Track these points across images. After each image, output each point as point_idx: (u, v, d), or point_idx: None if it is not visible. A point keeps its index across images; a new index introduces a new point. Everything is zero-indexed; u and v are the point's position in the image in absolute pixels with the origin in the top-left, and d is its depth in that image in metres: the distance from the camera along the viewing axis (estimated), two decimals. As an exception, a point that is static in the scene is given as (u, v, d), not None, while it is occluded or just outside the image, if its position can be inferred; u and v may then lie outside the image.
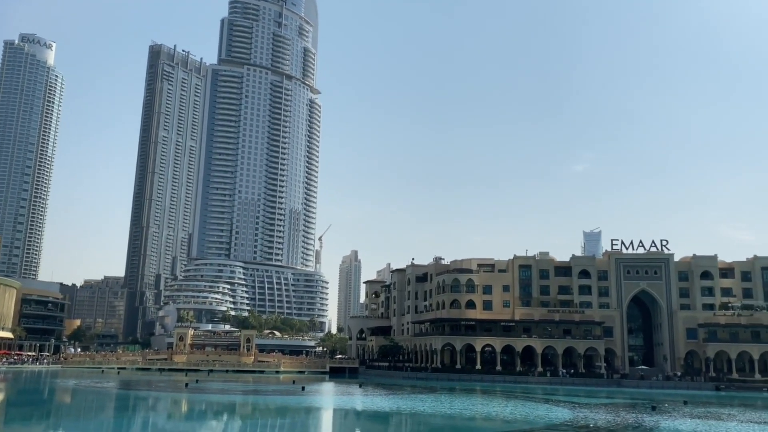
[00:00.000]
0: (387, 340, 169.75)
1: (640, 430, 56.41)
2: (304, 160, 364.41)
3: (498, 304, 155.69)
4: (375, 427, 57.69)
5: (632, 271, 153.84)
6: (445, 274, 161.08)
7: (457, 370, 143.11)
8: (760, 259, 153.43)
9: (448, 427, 56.21)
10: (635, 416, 67.19)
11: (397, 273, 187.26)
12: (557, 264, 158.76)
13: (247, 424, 57.51)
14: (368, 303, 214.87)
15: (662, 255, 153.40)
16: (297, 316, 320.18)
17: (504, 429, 54.56)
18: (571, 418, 63.44)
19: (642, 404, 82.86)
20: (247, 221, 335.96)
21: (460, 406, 75.58)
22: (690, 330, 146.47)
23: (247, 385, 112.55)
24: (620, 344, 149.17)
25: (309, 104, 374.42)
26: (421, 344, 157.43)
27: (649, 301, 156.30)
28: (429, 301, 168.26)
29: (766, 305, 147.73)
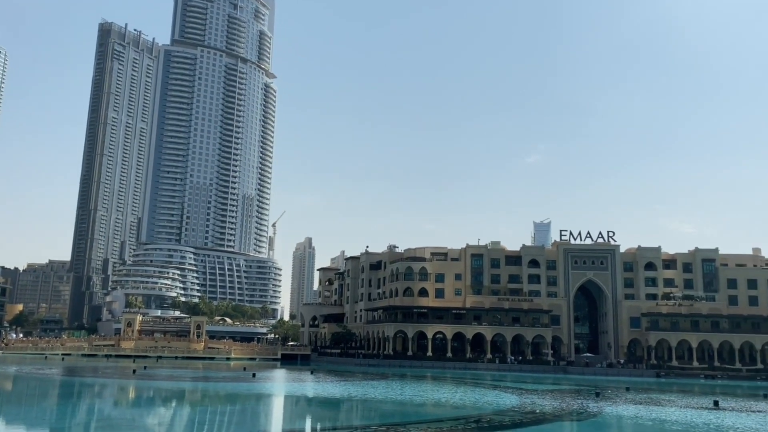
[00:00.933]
0: (340, 327, 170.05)
1: (584, 415, 58.12)
2: (258, 145, 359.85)
3: (450, 292, 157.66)
4: (326, 414, 57.87)
5: (580, 261, 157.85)
6: (399, 262, 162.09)
7: (408, 356, 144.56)
8: (700, 251, 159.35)
9: (399, 413, 56.80)
10: (580, 402, 69.19)
11: (351, 260, 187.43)
12: (508, 253, 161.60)
13: (197, 410, 56.91)
14: (321, 290, 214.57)
15: (609, 246, 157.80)
16: (249, 302, 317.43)
17: (453, 415, 55.44)
18: (518, 404, 64.90)
19: (586, 390, 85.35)
20: (198, 206, 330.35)
21: (411, 392, 76.43)
22: (633, 319, 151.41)
23: (197, 372, 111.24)
24: (567, 332, 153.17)
25: (264, 89, 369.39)
26: (374, 331, 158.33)
27: (596, 291, 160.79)
28: (382, 288, 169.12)
29: (705, 296, 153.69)
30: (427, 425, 48.54)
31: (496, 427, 49.01)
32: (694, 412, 60.94)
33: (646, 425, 51.28)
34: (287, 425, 49.96)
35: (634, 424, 52.12)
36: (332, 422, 51.61)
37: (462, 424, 49.54)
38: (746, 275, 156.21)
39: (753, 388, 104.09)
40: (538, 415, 55.99)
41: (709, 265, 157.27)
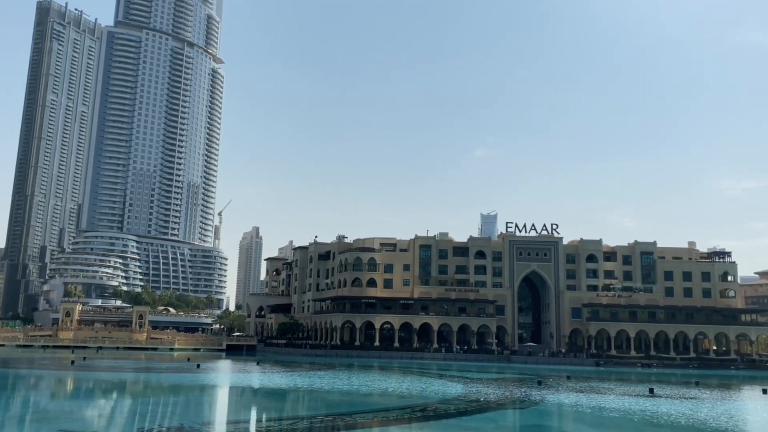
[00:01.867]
0: (287, 318, 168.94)
1: (527, 403, 59.42)
2: (205, 132, 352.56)
3: (398, 283, 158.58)
4: (271, 404, 57.38)
5: (524, 252, 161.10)
6: (348, 253, 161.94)
7: (356, 347, 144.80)
8: (639, 244, 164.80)
9: (345, 402, 56.84)
10: (523, 390, 70.74)
11: (299, 251, 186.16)
12: (456, 245, 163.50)
13: (138, 402, 55.54)
14: (269, 280, 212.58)
15: (552, 238, 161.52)
16: (193, 292, 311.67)
17: (400, 404, 55.82)
18: (463, 393, 65.88)
19: (529, 379, 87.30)
20: (141, 193, 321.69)
21: (358, 382, 76.59)
22: (575, 309, 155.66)
23: (139, 363, 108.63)
24: (511, 322, 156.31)
25: (211, 74, 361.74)
26: (322, 322, 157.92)
27: (539, 282, 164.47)
28: (331, 279, 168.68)
29: (643, 287, 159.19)
30: (374, 414, 48.72)
31: (442, 415, 49.58)
32: (632, 399, 63.12)
33: (585, 413, 52.78)
34: (232, 416, 49.31)
35: (575, 412, 53.56)
36: (278, 413, 51.21)
37: (408, 413, 49.94)
38: (682, 268, 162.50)
39: (686, 376, 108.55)
40: (482, 404, 56.95)
41: (647, 258, 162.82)
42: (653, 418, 48.53)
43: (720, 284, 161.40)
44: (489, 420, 48.59)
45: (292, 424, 43.16)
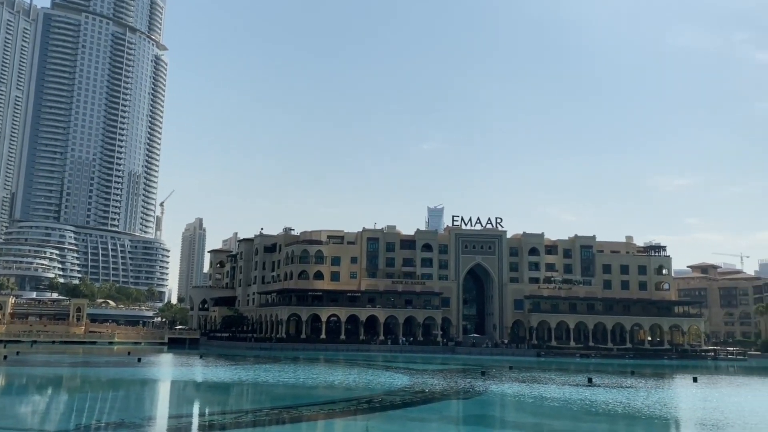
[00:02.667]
0: (231, 311, 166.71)
1: (471, 394, 60.42)
2: (147, 120, 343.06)
3: (345, 275, 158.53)
4: (215, 398, 56.52)
5: (470, 245, 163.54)
6: (295, 245, 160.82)
7: (302, 340, 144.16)
8: (579, 238, 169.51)
9: (291, 395, 56.49)
10: (467, 381, 71.88)
11: (244, 243, 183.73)
12: (403, 237, 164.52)
13: (76, 397, 53.78)
14: (212, 273, 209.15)
15: (496, 232, 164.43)
16: (134, 285, 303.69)
17: (346, 396, 55.87)
18: (409, 384, 66.46)
19: (473, 370, 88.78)
20: (80, 182, 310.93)
21: (304, 375, 76.25)
22: (517, 301, 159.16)
23: (77, 357, 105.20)
24: (456, 314, 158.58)
25: (155, 61, 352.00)
26: (267, 315, 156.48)
27: (483, 274, 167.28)
28: (277, 271, 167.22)
29: (582, 280, 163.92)
30: (320, 407, 48.61)
31: (387, 407, 49.87)
32: (571, 388, 64.97)
33: (527, 402, 54.04)
34: (174, 411, 48.33)
35: (517, 402, 54.76)
36: (221, 406, 50.49)
37: (354, 404, 50.03)
38: (619, 261, 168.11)
39: (622, 366, 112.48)
40: (427, 395, 57.56)
41: (586, 252, 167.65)
42: (592, 407, 50.08)
43: (655, 277, 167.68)
44: (434, 411, 49.16)
45: (236, 418, 42.63)
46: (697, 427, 42.67)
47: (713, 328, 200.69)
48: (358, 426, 40.39)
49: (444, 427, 42.04)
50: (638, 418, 45.14)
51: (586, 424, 42.72)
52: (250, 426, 39.27)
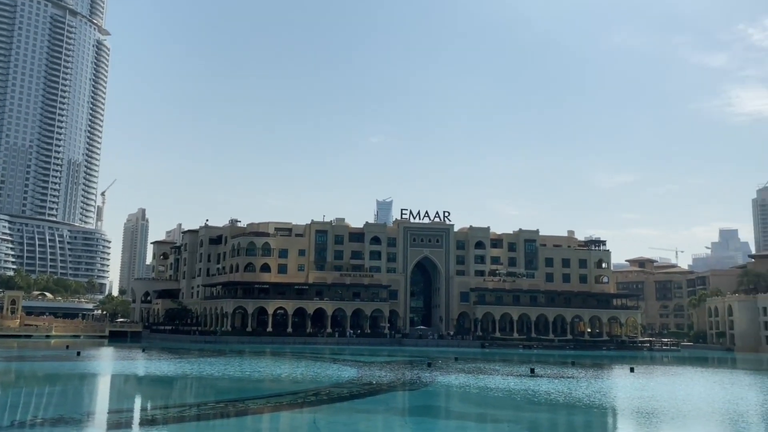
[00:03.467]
0: (175, 303, 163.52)
1: (417, 385, 61.10)
2: (88, 107, 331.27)
3: (293, 268, 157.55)
4: (158, 392, 55.37)
5: (418, 238, 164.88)
6: (241, 237, 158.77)
7: (247, 333, 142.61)
8: (523, 232, 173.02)
9: (236, 389, 55.87)
10: (413, 373, 72.62)
11: (189, 234, 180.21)
12: (352, 230, 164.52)
13: (10, 393, 51.73)
14: (156, 265, 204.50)
15: (444, 225, 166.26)
16: (73, 276, 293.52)
17: (292, 389, 55.63)
18: (356, 377, 66.71)
19: (419, 361, 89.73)
20: (15, 170, 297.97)
21: (250, 368, 75.51)
22: (463, 293, 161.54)
23: (11, 351, 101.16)
24: (403, 306, 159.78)
25: (96, 45, 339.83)
26: (212, 307, 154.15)
27: (431, 267, 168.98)
28: (222, 263, 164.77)
29: (526, 273, 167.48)
30: (266, 400, 48.30)
31: (335, 399, 49.95)
32: (515, 379, 66.49)
33: (472, 392, 55.01)
34: (115, 405, 47.12)
35: (462, 392, 55.69)
36: (164, 400, 49.52)
37: (301, 397, 49.89)
38: (561, 255, 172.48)
39: (563, 357, 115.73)
40: (374, 387, 57.91)
41: (530, 245, 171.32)
42: (534, 397, 51.39)
43: (595, 271, 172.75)
44: (380, 402, 49.51)
45: (180, 412, 41.92)
46: (635, 416, 44.33)
47: (649, 320, 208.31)
48: (305, 418, 40.32)
49: (390, 418, 42.36)
50: (578, 407, 46.56)
51: (528, 413, 43.82)
52: (194, 420, 38.70)
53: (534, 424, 40.35)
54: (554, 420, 42.56)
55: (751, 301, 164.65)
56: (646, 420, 41.99)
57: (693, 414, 45.48)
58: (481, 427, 39.04)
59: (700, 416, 44.71)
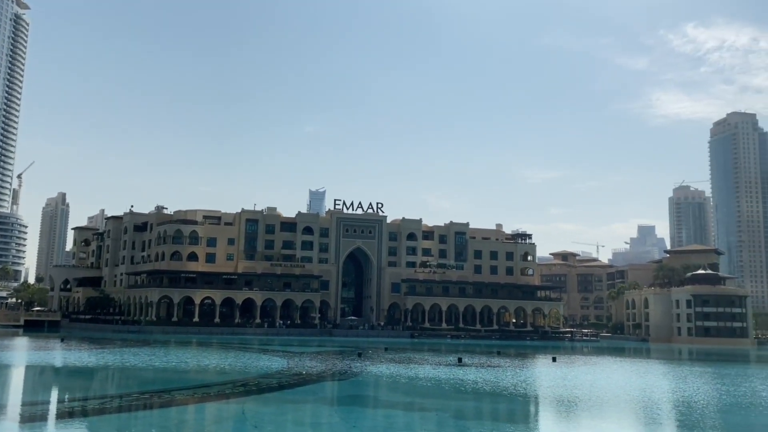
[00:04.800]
0: (96, 292, 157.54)
1: (347, 375, 61.16)
2: (4, 85, 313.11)
3: (222, 257, 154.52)
4: (77, 383, 53.09)
5: (350, 229, 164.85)
6: (168, 225, 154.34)
7: (173, 323, 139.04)
8: (454, 225, 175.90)
9: (161, 380, 54.31)
10: (344, 363, 72.66)
11: (112, 220, 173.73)
12: (283, 220, 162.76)
13: None
14: (76, 251, 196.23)
15: (377, 216, 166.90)
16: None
17: (220, 380, 54.57)
18: (285, 367, 66.14)
19: (350, 352, 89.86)
20: None
21: (176, 359, 73.58)
22: (395, 284, 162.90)
23: None
24: (335, 297, 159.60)
25: (14, 20, 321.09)
26: (136, 296, 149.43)
27: (363, 258, 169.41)
28: (148, 251, 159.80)
29: (455, 264, 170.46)
30: (193, 391, 47.17)
31: (264, 389, 49.33)
32: (443, 368, 67.58)
33: (402, 382, 55.50)
34: (28, 397, 44.84)
35: (392, 382, 56.11)
36: (84, 392, 47.52)
37: (229, 388, 49.01)
38: (489, 247, 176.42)
39: (489, 346, 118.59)
40: (304, 377, 57.57)
41: (460, 238, 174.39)
42: (462, 386, 52.37)
43: (521, 263, 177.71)
44: (310, 392, 49.28)
45: (101, 404, 40.36)
46: (557, 404, 45.86)
47: (571, 311, 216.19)
48: (233, 409, 39.64)
49: (320, 407, 42.22)
50: (504, 395, 47.75)
51: (455, 402, 44.61)
52: (116, 412, 37.40)
53: (461, 412, 41.09)
54: (480, 408, 43.49)
55: (665, 294, 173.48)
56: (568, 408, 43.51)
57: (612, 402, 47.47)
58: (409, 415, 39.39)
59: (619, 404, 46.73)
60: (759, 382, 63.37)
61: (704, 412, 42.78)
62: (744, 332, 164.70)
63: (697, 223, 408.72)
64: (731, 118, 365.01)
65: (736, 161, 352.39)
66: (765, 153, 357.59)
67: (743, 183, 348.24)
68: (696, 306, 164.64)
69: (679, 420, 40.24)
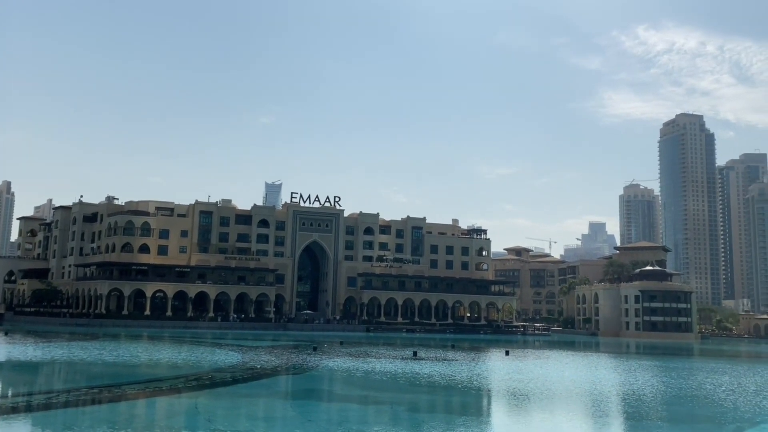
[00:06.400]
0: (43, 284, 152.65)
1: (302, 369, 60.85)
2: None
3: (174, 249, 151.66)
4: (20, 378, 51.32)
5: (307, 223, 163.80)
6: (118, 216, 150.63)
7: (123, 316, 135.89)
8: (411, 220, 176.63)
9: (111, 374, 52.99)
10: (299, 357, 72.25)
11: (60, 210, 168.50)
12: (239, 212, 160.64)
13: None
14: (22, 242, 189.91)
15: (334, 210, 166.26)
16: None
17: (172, 374, 53.60)
18: (238, 362, 65.41)
19: (305, 346, 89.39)
20: None
21: (126, 353, 71.95)
22: (351, 278, 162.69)
23: None
24: (290, 290, 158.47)
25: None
26: (85, 289, 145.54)
27: (319, 252, 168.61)
28: (97, 243, 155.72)
29: (412, 259, 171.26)
30: (144, 385, 46.19)
31: (217, 383, 48.71)
32: (398, 362, 67.88)
33: (357, 376, 55.51)
34: (-29, 394, 43.20)
35: (347, 375, 56.05)
36: (28, 387, 46.05)
37: (181, 382, 48.22)
38: (445, 242, 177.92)
39: (444, 340, 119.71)
40: (258, 371, 57.06)
41: (417, 232, 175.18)
42: (416, 379, 52.72)
43: (476, 258, 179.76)
44: (264, 386, 48.87)
45: (46, 399, 39.14)
46: (510, 396, 46.60)
47: (523, 305, 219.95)
48: (185, 403, 39.00)
49: (274, 401, 41.95)
50: (458, 388, 48.29)
51: (410, 395, 44.88)
52: (62, 407, 36.32)
53: (415, 405, 41.35)
54: (435, 401, 43.87)
55: (614, 289, 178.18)
56: (521, 401, 44.27)
57: (564, 395, 48.48)
58: (363, 408, 39.46)
59: (570, 397, 47.75)
60: (703, 375, 65.67)
61: (652, 404, 44.13)
62: (689, 327, 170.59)
63: (646, 220, 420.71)
64: (680, 119, 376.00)
65: (683, 161, 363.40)
66: (711, 154, 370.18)
67: (690, 182, 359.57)
68: (644, 301, 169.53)
69: (628, 412, 41.42)
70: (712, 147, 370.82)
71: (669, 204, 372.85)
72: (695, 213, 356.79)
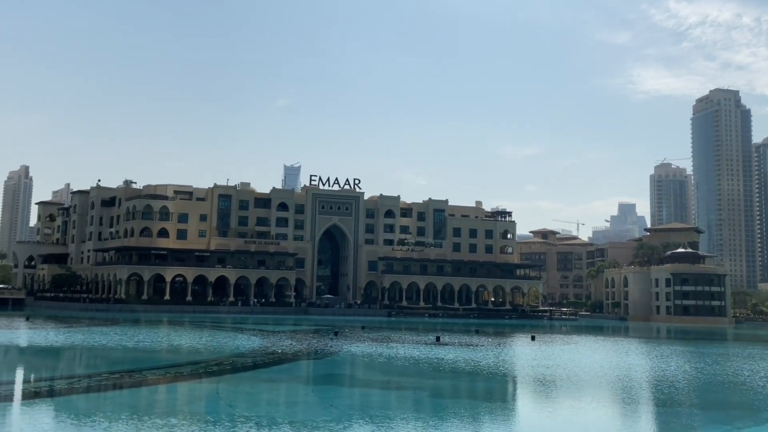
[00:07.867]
0: (63, 269, 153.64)
1: (323, 353, 59.70)
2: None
3: (193, 234, 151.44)
4: (43, 363, 50.74)
5: (327, 206, 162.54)
6: (137, 200, 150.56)
7: (143, 301, 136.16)
8: (433, 202, 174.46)
9: (131, 359, 52.19)
10: (320, 342, 71.20)
11: (79, 195, 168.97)
12: (257, 195, 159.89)
13: None
14: (41, 227, 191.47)
15: (354, 193, 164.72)
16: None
17: (192, 359, 52.67)
18: (260, 346, 64.45)
19: (326, 330, 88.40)
20: None
21: (147, 338, 71.36)
22: (372, 262, 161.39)
23: None
24: (310, 275, 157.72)
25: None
26: (104, 274, 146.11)
27: (339, 235, 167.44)
28: (116, 227, 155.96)
29: (434, 242, 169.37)
30: (165, 370, 45.31)
31: (238, 368, 47.80)
32: (421, 347, 66.41)
33: (379, 361, 54.18)
34: (-8, 378, 42.53)
35: (368, 360, 54.76)
36: (50, 372, 45.44)
37: (202, 367, 47.25)
38: (468, 225, 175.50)
39: (467, 325, 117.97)
40: (279, 356, 56.01)
41: (439, 215, 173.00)
42: (440, 365, 51.21)
43: (501, 241, 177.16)
44: (285, 371, 47.85)
45: (69, 384, 38.38)
46: (536, 383, 44.90)
47: (550, 289, 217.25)
48: (206, 388, 37.98)
49: (295, 386, 40.90)
50: (482, 374, 46.74)
51: (433, 380, 43.41)
52: (84, 392, 35.68)
53: (439, 390, 39.96)
54: (458, 387, 42.38)
55: (644, 272, 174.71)
56: (547, 387, 42.60)
57: (593, 381, 46.65)
58: (385, 394, 38.25)
59: (600, 383, 45.92)
60: (739, 362, 63.34)
61: (686, 391, 42.30)
62: (722, 311, 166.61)
63: (677, 201, 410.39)
64: (714, 94, 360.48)
65: (717, 139, 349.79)
66: (747, 131, 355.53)
67: (724, 161, 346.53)
68: (675, 284, 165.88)
69: (661, 399, 39.57)
70: (749, 123, 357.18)
71: (702, 183, 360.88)
72: (730, 192, 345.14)
